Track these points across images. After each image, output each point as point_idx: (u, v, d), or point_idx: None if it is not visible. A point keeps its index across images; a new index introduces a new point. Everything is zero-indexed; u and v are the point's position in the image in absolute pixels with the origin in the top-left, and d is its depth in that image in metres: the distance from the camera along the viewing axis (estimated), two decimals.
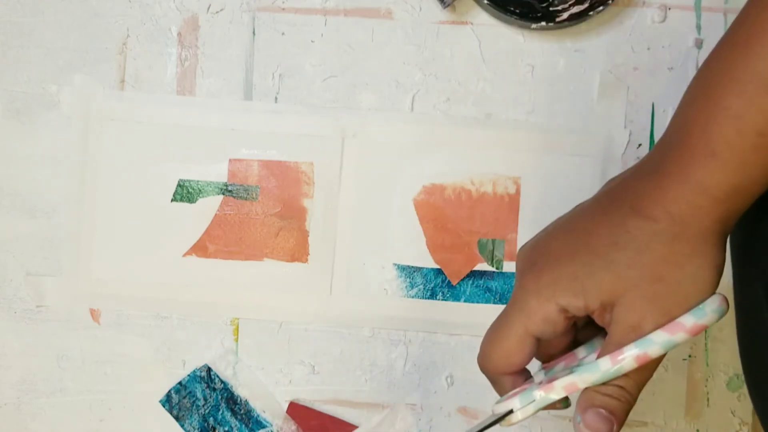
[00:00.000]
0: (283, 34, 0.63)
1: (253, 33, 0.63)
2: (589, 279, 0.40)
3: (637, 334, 0.40)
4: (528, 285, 0.42)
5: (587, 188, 0.62)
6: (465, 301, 0.63)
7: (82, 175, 0.63)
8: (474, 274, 0.63)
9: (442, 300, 0.63)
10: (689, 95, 0.41)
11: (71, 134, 0.63)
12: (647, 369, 0.41)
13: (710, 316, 0.40)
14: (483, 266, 0.63)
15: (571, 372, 0.41)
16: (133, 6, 0.63)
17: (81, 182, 0.63)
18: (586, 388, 0.41)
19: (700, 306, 0.40)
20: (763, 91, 0.38)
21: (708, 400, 0.63)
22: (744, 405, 0.63)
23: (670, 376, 0.63)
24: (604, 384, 0.41)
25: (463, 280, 0.63)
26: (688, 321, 0.39)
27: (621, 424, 0.41)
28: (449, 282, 0.63)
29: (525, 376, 0.44)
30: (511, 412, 0.42)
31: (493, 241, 0.63)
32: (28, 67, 0.63)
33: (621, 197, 0.42)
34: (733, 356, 0.63)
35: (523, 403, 0.42)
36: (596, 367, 0.40)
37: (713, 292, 0.40)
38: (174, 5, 0.63)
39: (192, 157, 0.63)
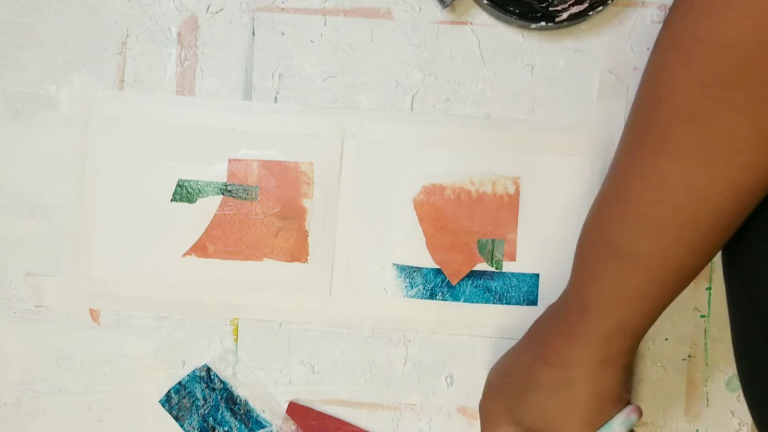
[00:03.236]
0: (282, 34, 0.63)
1: (253, 33, 0.63)
2: (517, 414, 0.50)
3: None
4: (482, 407, 0.54)
5: (587, 188, 0.62)
6: (465, 301, 0.63)
7: (82, 175, 0.63)
8: (474, 274, 0.63)
9: (442, 300, 0.63)
10: (582, 238, 0.50)
11: (71, 134, 0.63)
12: None
13: (617, 429, 0.47)
14: (483, 266, 0.63)
15: None
16: (132, 6, 0.63)
17: (81, 182, 0.63)
18: None
19: (608, 423, 0.48)
20: (608, 257, 0.46)
21: (708, 400, 0.63)
22: (744, 405, 0.63)
23: (669, 376, 0.63)
24: None
25: (462, 280, 0.63)
26: None
27: None
28: (449, 282, 0.63)
29: None
30: None
31: (493, 241, 0.63)
32: (28, 67, 0.63)
33: (533, 341, 0.51)
34: (732, 356, 0.63)
35: None
36: None
37: (624, 405, 0.49)
38: (173, 5, 0.63)
39: (192, 157, 0.63)
